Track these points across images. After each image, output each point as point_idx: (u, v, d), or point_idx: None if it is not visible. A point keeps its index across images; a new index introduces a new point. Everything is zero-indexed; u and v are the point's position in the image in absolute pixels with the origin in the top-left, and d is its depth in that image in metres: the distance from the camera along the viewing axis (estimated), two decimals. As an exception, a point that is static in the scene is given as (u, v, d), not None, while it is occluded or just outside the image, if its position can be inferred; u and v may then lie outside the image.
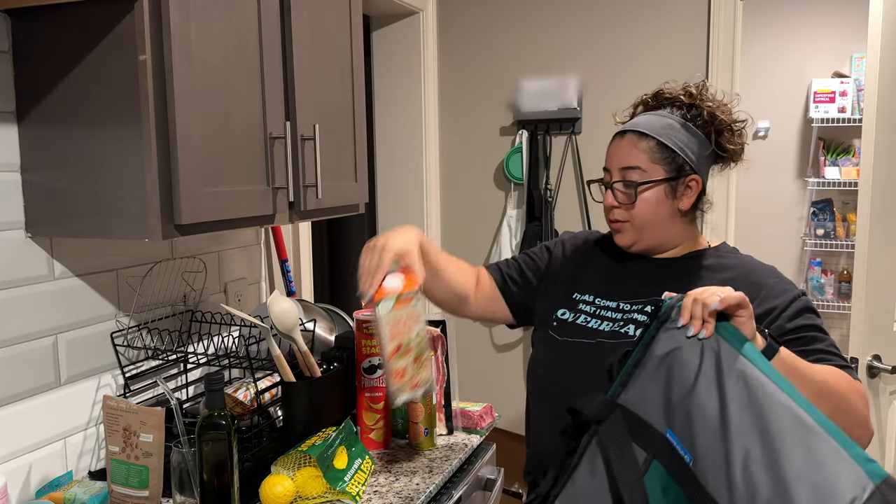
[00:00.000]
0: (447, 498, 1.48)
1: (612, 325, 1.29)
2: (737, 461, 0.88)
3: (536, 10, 2.98)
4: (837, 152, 4.43)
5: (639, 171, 1.28)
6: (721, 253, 1.35)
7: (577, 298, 1.38)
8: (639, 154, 1.28)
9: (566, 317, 1.36)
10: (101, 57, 1.20)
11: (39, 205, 1.32)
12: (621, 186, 1.29)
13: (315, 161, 1.48)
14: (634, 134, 1.29)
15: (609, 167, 1.32)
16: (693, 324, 0.97)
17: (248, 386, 1.58)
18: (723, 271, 1.29)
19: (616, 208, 1.30)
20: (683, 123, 1.30)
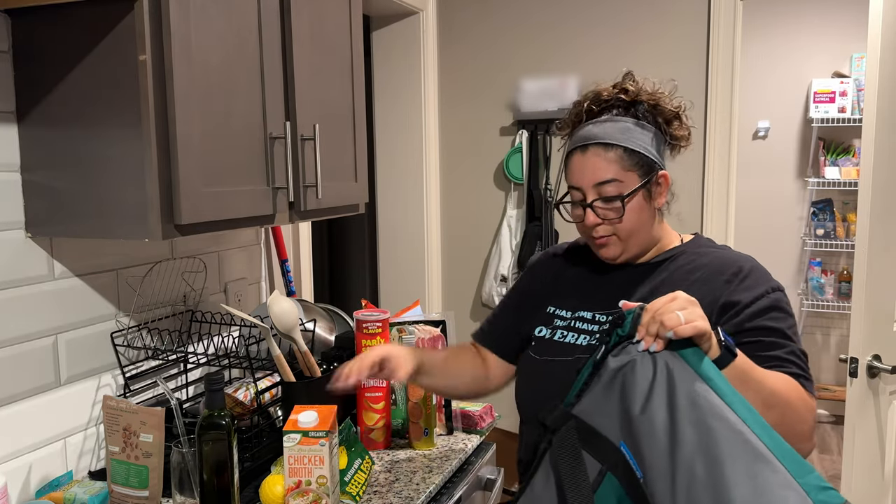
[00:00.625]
0: (447, 498, 1.48)
1: (589, 339, 1.26)
2: (681, 482, 0.86)
3: (536, 10, 2.98)
4: (837, 152, 4.44)
5: (615, 183, 1.22)
6: (694, 250, 1.30)
7: (552, 313, 1.34)
8: (609, 165, 1.22)
9: (543, 334, 1.33)
10: (101, 57, 1.20)
11: (39, 205, 1.32)
12: (601, 203, 1.23)
13: (315, 161, 1.48)
14: (598, 146, 1.23)
15: (579, 185, 1.25)
16: (645, 339, 0.96)
17: (248, 386, 1.58)
18: (695, 272, 1.25)
19: (600, 225, 1.24)
20: (636, 122, 1.25)
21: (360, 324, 1.58)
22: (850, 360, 1.94)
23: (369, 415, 1.59)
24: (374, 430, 1.60)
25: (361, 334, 1.58)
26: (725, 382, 0.92)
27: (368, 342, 1.57)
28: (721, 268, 1.23)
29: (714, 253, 1.28)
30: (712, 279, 1.21)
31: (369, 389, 1.58)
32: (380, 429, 1.60)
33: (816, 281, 4.52)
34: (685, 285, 1.22)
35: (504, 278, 3.06)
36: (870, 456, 2.02)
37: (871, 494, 2.05)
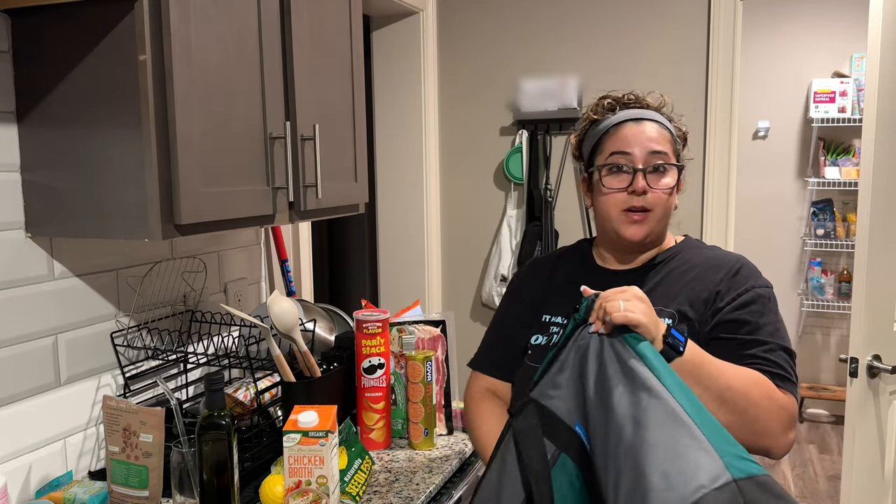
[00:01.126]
0: (447, 498, 1.48)
1: None
2: (611, 448, 0.92)
3: (536, 10, 2.98)
4: (837, 152, 4.44)
5: (665, 156, 1.23)
6: (686, 251, 1.31)
7: (547, 321, 1.33)
8: (664, 141, 1.24)
9: (539, 341, 1.32)
10: (101, 57, 1.20)
11: (39, 205, 1.32)
12: (653, 171, 1.22)
13: (315, 161, 1.48)
14: (653, 122, 1.25)
15: (630, 150, 1.23)
16: (595, 323, 1.04)
17: (248, 386, 1.58)
18: (690, 272, 1.26)
19: (645, 195, 1.22)
20: (670, 121, 1.30)
21: (360, 324, 1.58)
22: (850, 360, 1.94)
23: (369, 415, 1.59)
24: (374, 430, 1.60)
25: (361, 334, 1.58)
26: (661, 362, 0.98)
27: (368, 342, 1.57)
28: (714, 266, 1.25)
29: (705, 253, 1.30)
30: (706, 278, 1.23)
31: (369, 389, 1.58)
32: (380, 429, 1.60)
33: (816, 281, 4.52)
34: (680, 286, 1.24)
35: (504, 278, 3.06)
36: (870, 456, 2.02)
37: (871, 494, 2.05)
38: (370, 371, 1.58)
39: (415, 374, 1.60)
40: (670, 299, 1.23)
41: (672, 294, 1.23)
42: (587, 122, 1.33)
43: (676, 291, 1.23)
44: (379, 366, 1.58)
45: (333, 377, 1.56)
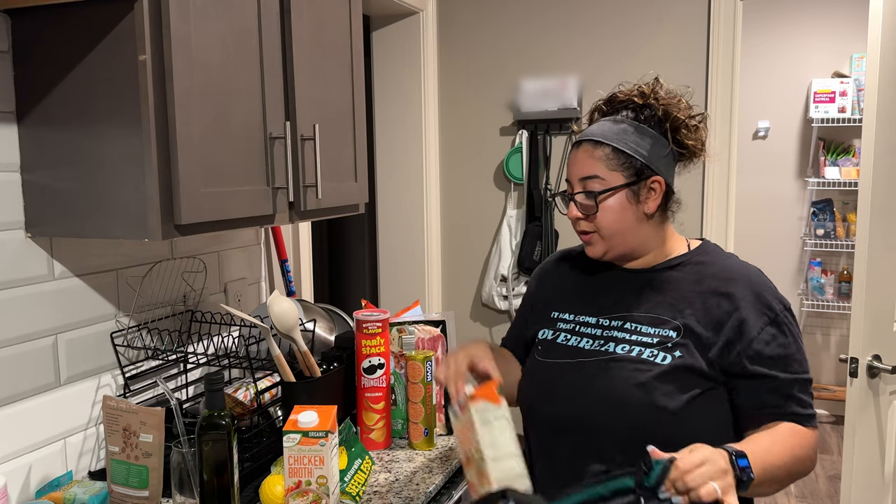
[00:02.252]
0: (447, 498, 1.48)
1: (592, 343, 1.27)
2: None
3: (537, 11, 2.98)
4: (837, 152, 4.44)
5: (598, 180, 1.24)
6: (700, 259, 1.29)
7: (555, 317, 1.36)
8: (595, 163, 1.24)
9: (546, 336, 1.34)
10: (101, 57, 1.20)
11: (39, 205, 1.32)
12: (582, 197, 1.25)
13: (315, 161, 1.48)
14: (589, 143, 1.26)
15: (570, 179, 1.29)
16: (682, 497, 0.99)
17: (248, 386, 1.58)
18: (702, 282, 1.25)
19: (581, 219, 1.27)
20: (637, 126, 1.25)
21: (360, 324, 1.58)
22: (850, 360, 1.94)
23: (369, 415, 1.59)
24: (374, 430, 1.60)
25: (361, 334, 1.58)
26: None
27: (368, 342, 1.57)
28: (728, 280, 1.23)
29: (721, 262, 1.28)
30: (721, 295, 1.22)
31: (369, 389, 1.58)
32: (380, 429, 1.60)
33: (816, 281, 4.52)
34: (691, 298, 1.23)
35: (504, 278, 3.06)
36: (870, 456, 2.02)
37: (871, 494, 2.05)
38: (370, 371, 1.58)
39: (415, 374, 1.60)
40: (678, 311, 1.22)
41: (680, 305, 1.23)
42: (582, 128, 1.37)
43: (686, 303, 1.23)
44: (379, 366, 1.58)
45: (333, 377, 1.56)
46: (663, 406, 1.16)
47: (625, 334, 1.25)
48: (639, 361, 1.20)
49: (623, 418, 1.18)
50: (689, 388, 1.18)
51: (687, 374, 1.18)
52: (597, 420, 1.20)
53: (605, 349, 1.25)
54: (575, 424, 1.23)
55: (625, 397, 1.18)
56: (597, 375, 1.22)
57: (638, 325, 1.25)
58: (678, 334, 1.20)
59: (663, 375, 1.18)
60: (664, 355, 1.19)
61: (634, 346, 1.22)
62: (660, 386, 1.17)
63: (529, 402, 1.32)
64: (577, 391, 1.23)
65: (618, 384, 1.19)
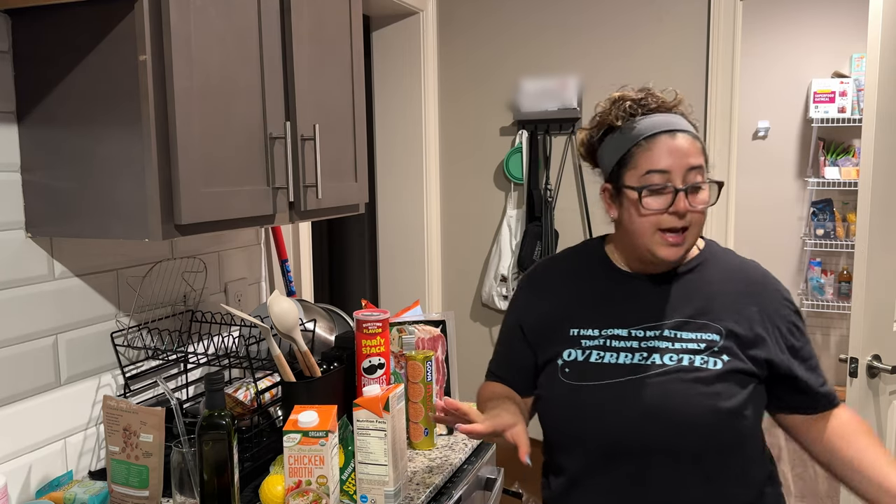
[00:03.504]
0: (447, 498, 1.48)
1: (631, 357, 1.19)
2: None
3: (536, 10, 2.98)
4: (837, 152, 4.44)
5: (702, 171, 1.17)
6: (713, 258, 1.28)
7: (577, 335, 1.25)
8: (699, 154, 1.17)
9: (574, 357, 1.23)
10: (101, 57, 1.20)
11: (39, 205, 1.32)
12: (693, 190, 1.16)
13: (315, 161, 1.48)
14: (687, 134, 1.17)
15: (668, 168, 1.15)
16: None
17: (248, 386, 1.58)
18: (726, 282, 1.23)
19: (686, 216, 1.16)
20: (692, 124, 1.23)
21: (360, 324, 1.58)
22: (850, 360, 1.94)
23: (369, 415, 1.59)
24: (374, 430, 1.60)
25: (361, 334, 1.58)
26: None
27: (368, 342, 1.57)
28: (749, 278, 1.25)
29: (733, 260, 1.29)
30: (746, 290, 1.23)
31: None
32: (380, 429, 1.60)
33: (816, 281, 4.52)
34: (722, 299, 1.21)
35: (504, 278, 3.06)
36: (870, 456, 2.02)
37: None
38: (370, 371, 1.58)
39: (415, 374, 1.59)
40: (714, 313, 1.20)
41: (714, 307, 1.21)
42: (604, 128, 1.24)
43: (719, 304, 1.21)
44: (379, 366, 1.58)
45: (333, 377, 1.56)
46: (728, 409, 1.14)
47: (667, 343, 1.18)
48: (692, 370, 1.15)
49: (692, 431, 1.13)
50: (744, 388, 1.16)
51: (738, 375, 1.16)
52: (663, 438, 1.14)
53: (649, 362, 1.17)
54: (636, 448, 1.16)
55: (690, 409, 1.13)
56: (652, 391, 1.15)
57: (677, 332, 1.19)
58: (721, 337, 1.18)
59: (718, 380, 1.15)
60: (714, 360, 1.16)
61: (682, 355, 1.17)
62: (721, 391, 1.14)
63: (569, 432, 1.23)
64: (633, 412, 1.15)
65: (679, 397, 1.14)
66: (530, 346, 1.31)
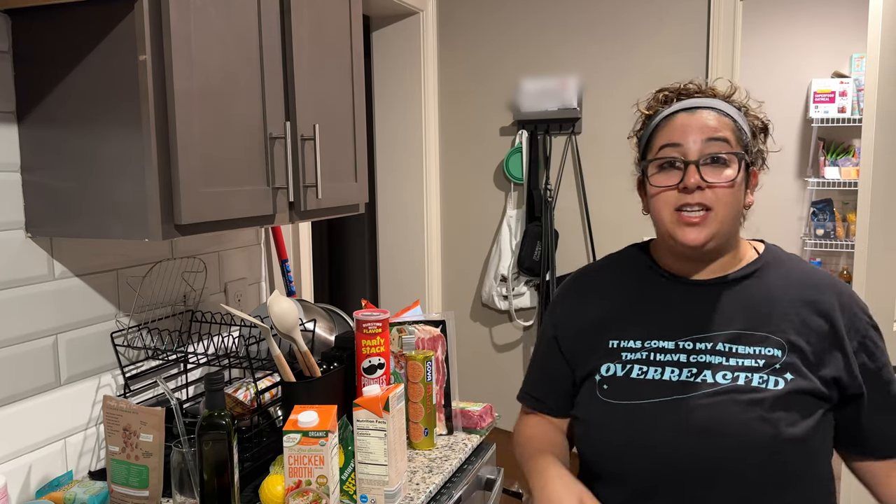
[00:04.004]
0: (447, 498, 1.48)
1: (679, 373, 1.06)
2: None
3: (536, 11, 2.98)
4: (837, 152, 4.44)
5: (725, 143, 1.04)
6: (774, 263, 1.13)
7: (616, 347, 1.12)
8: (722, 125, 1.05)
9: (612, 372, 1.10)
10: (101, 57, 1.20)
11: (39, 205, 1.32)
12: (710, 163, 1.04)
13: (315, 161, 1.48)
14: (709, 109, 1.07)
15: (681, 141, 1.05)
16: None
17: (248, 386, 1.58)
18: (788, 290, 1.09)
19: (703, 189, 1.03)
20: (737, 111, 1.11)
21: (360, 324, 1.58)
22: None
23: (369, 415, 1.59)
24: (374, 430, 1.60)
25: (361, 334, 1.58)
26: None
27: (368, 342, 1.57)
28: (815, 287, 1.10)
29: (799, 267, 1.14)
30: (810, 300, 1.08)
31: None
32: (380, 429, 1.60)
33: (816, 281, 4.52)
34: (784, 310, 1.08)
35: (504, 278, 3.06)
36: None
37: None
38: (370, 371, 1.58)
39: (415, 374, 1.59)
40: (774, 325, 1.07)
41: (775, 318, 1.07)
42: (641, 120, 1.18)
43: (781, 315, 1.07)
44: (379, 366, 1.58)
45: (333, 377, 1.56)
46: (791, 437, 0.99)
47: (720, 358, 1.05)
48: (750, 390, 1.02)
49: (749, 459, 1.00)
50: (811, 413, 1.02)
51: (804, 397, 1.02)
52: (716, 466, 1.01)
53: (701, 380, 1.04)
54: (685, 475, 1.02)
55: (748, 435, 0.99)
56: (701, 414, 1.02)
57: (732, 346, 1.06)
58: (783, 352, 1.04)
59: (780, 402, 1.01)
60: (776, 379, 1.02)
61: (739, 373, 1.03)
62: (784, 416, 1.00)
63: (606, 457, 1.10)
64: (682, 436, 1.02)
65: (734, 420, 1.00)
66: (567, 362, 1.20)
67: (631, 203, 2.96)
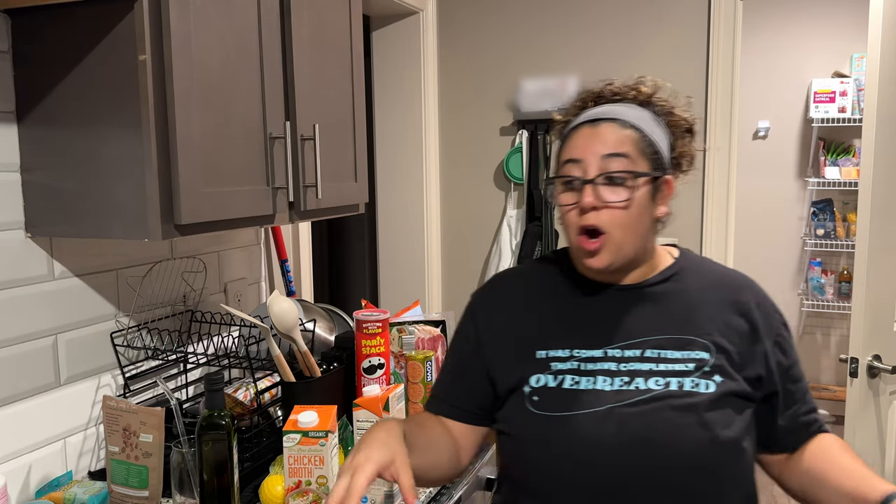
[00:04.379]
0: (447, 498, 1.48)
1: (611, 382, 1.03)
2: None
3: (537, 10, 2.98)
4: (837, 152, 4.44)
5: (626, 160, 1.01)
6: (690, 266, 1.14)
7: (545, 357, 1.08)
8: (624, 140, 1.02)
9: (543, 383, 1.06)
10: (101, 57, 1.20)
11: (39, 205, 1.32)
12: (605, 182, 1.01)
13: (315, 161, 1.48)
14: (613, 121, 1.04)
15: (581, 156, 1.03)
16: None
17: (248, 386, 1.58)
18: (707, 292, 1.10)
19: (596, 210, 1.01)
20: (653, 116, 1.08)
21: (360, 324, 1.58)
22: (851, 360, 1.94)
23: (369, 415, 1.59)
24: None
25: (361, 334, 1.58)
26: None
27: (368, 342, 1.57)
28: (733, 287, 1.11)
29: (715, 269, 1.16)
30: (730, 301, 1.09)
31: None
32: (380, 429, 1.60)
33: (816, 281, 4.52)
34: (706, 312, 1.08)
35: (504, 278, 3.06)
36: (870, 456, 2.02)
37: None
38: (370, 371, 1.58)
39: (415, 374, 1.59)
40: (699, 327, 1.06)
41: (698, 320, 1.07)
42: (559, 125, 1.16)
43: (703, 317, 1.07)
44: (379, 366, 1.58)
45: (333, 377, 1.56)
46: (727, 440, 1.00)
47: (650, 365, 1.04)
48: (683, 395, 1.01)
49: (688, 464, 0.99)
50: (741, 414, 1.03)
51: (734, 399, 1.03)
52: (655, 474, 0.99)
53: (633, 387, 1.02)
54: (625, 487, 1.00)
55: (686, 440, 0.99)
56: (641, 421, 1.00)
57: (661, 352, 1.05)
58: (710, 355, 1.04)
59: (713, 405, 1.00)
60: (706, 382, 1.02)
61: (670, 378, 1.02)
62: (718, 418, 1.00)
63: (541, 472, 1.05)
64: (620, 446, 1.00)
65: (671, 427, 0.99)
66: (487, 371, 1.13)
67: (631, 203, 2.95)
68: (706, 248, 2.71)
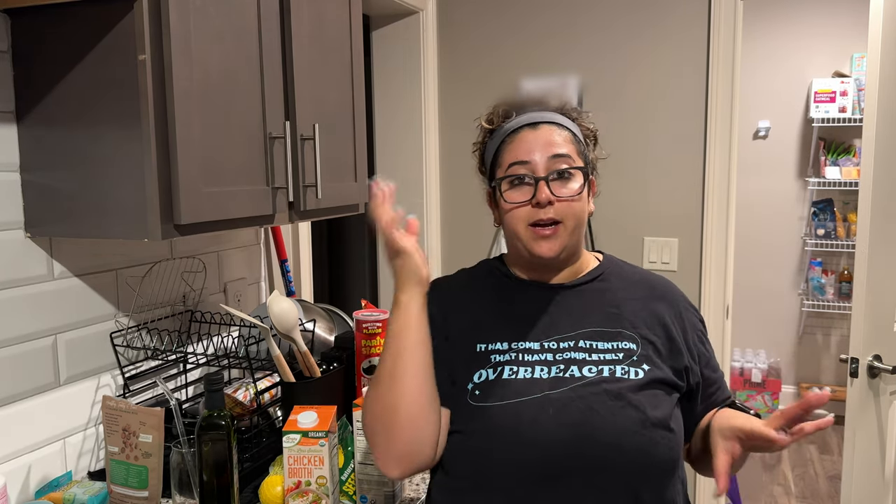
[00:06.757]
0: None
1: (548, 371, 1.08)
2: None
3: (537, 11, 2.98)
4: (838, 152, 4.44)
5: (569, 160, 1.12)
6: (615, 269, 1.23)
7: (485, 350, 1.12)
8: (565, 142, 1.13)
9: (484, 377, 1.09)
10: (101, 57, 1.20)
11: (39, 205, 1.32)
12: (557, 178, 1.11)
13: (315, 161, 1.48)
14: (551, 124, 1.15)
15: (529, 158, 1.12)
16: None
17: (248, 386, 1.58)
18: (632, 290, 1.19)
19: (550, 206, 1.10)
20: (573, 122, 1.20)
21: (359, 324, 1.58)
22: (851, 360, 1.94)
23: (369, 415, 1.59)
24: (374, 430, 1.60)
25: (361, 334, 1.58)
26: None
27: (368, 342, 1.57)
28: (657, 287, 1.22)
29: (638, 271, 1.25)
30: (656, 300, 1.19)
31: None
32: (380, 429, 1.60)
33: (817, 281, 4.52)
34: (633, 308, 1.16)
35: (504, 278, 3.06)
36: (870, 456, 2.02)
37: (872, 494, 2.05)
38: (370, 371, 1.58)
39: (415, 375, 1.59)
40: (627, 321, 1.14)
41: (626, 314, 1.15)
42: (483, 134, 1.25)
43: (630, 312, 1.15)
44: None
45: (333, 377, 1.56)
46: (657, 420, 1.06)
47: (584, 354, 1.10)
48: (615, 381, 1.07)
49: (623, 445, 1.04)
50: (668, 399, 1.10)
51: (661, 386, 1.10)
52: (592, 456, 1.03)
53: (568, 375, 1.08)
54: (564, 470, 1.03)
55: (619, 421, 1.04)
56: (578, 406, 1.05)
57: (592, 343, 1.12)
58: (637, 346, 1.12)
59: (642, 389, 1.07)
60: (635, 370, 1.09)
61: (602, 366, 1.09)
62: (647, 401, 1.06)
63: (485, 461, 1.06)
64: (557, 431, 1.03)
65: (605, 410, 1.05)
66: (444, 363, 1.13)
67: (630, 202, 2.95)
68: (706, 248, 2.71)
